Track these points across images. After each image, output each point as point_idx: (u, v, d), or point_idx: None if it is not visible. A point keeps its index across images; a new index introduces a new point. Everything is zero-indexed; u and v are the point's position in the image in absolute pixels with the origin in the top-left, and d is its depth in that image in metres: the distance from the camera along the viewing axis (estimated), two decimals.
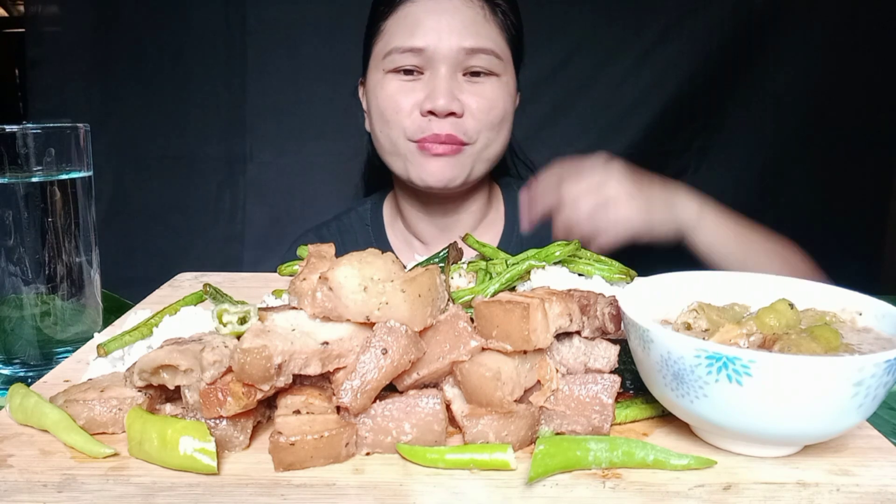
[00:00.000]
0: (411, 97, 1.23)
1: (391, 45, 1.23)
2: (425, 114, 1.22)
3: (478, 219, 1.40)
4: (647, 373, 0.62)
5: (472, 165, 1.27)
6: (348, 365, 0.61)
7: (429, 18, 1.22)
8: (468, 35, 1.21)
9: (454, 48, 1.20)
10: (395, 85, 1.24)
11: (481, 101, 1.23)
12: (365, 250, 0.66)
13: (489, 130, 1.25)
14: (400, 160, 1.28)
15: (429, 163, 1.24)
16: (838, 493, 0.55)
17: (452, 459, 0.58)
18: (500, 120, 1.26)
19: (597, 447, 0.58)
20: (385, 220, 1.46)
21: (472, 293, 0.80)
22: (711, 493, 0.55)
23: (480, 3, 1.24)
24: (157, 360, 0.62)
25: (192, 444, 0.56)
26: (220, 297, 0.86)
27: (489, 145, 1.27)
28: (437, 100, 1.19)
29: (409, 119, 1.23)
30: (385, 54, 1.25)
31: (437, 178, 1.24)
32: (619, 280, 0.87)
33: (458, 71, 1.23)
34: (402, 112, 1.23)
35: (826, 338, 0.59)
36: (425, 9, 1.23)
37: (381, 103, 1.25)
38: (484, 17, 1.24)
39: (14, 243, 0.84)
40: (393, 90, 1.24)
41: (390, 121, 1.25)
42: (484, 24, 1.23)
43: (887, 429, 0.76)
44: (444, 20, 1.21)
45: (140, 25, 2.11)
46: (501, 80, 1.26)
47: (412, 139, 1.24)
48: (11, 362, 0.87)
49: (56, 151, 0.87)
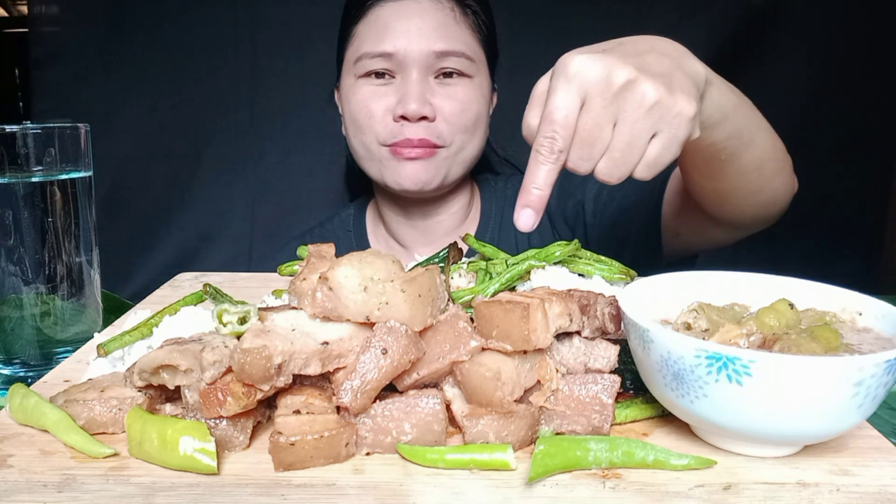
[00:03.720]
0: (383, 102, 1.22)
1: (361, 51, 1.23)
2: (397, 118, 1.21)
3: (459, 219, 1.40)
4: (647, 373, 0.62)
5: (447, 168, 1.26)
6: (348, 365, 0.61)
7: (398, 22, 1.20)
8: (438, 38, 1.20)
9: (424, 52, 1.19)
10: (366, 90, 1.23)
11: (454, 103, 1.22)
12: (365, 250, 0.66)
13: (463, 133, 1.24)
14: (375, 165, 1.27)
15: (403, 167, 1.23)
16: (838, 493, 0.55)
17: (452, 459, 0.58)
18: (474, 122, 1.25)
19: (597, 447, 0.58)
20: (368, 226, 1.46)
21: (472, 293, 0.80)
22: (711, 493, 0.55)
23: (451, 5, 1.23)
24: (157, 360, 0.62)
25: (192, 444, 0.56)
26: (220, 297, 0.86)
27: (464, 148, 1.26)
28: (409, 104, 1.18)
29: (381, 124, 1.22)
30: (356, 59, 1.24)
31: (412, 181, 1.24)
32: (619, 280, 0.87)
33: (430, 74, 1.22)
34: (375, 117, 1.22)
35: (826, 338, 0.59)
36: (394, 12, 1.21)
37: (354, 109, 1.25)
38: (454, 18, 1.23)
39: (14, 243, 0.84)
40: (365, 95, 1.23)
41: (363, 126, 1.24)
42: (454, 25, 1.22)
43: (887, 429, 0.76)
44: (414, 23, 1.20)
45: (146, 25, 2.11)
46: (474, 82, 1.25)
47: (385, 144, 1.23)
48: (11, 362, 0.87)
49: (56, 151, 0.87)
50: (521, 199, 0.71)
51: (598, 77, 0.69)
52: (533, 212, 0.71)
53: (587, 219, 1.29)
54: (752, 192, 1.00)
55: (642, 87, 0.69)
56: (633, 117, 0.69)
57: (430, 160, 1.23)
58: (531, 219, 0.71)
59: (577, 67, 0.69)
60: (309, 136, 2.17)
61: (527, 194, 0.71)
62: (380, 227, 1.44)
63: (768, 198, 1.03)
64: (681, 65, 0.75)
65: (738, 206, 1.03)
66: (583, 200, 1.29)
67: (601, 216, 1.27)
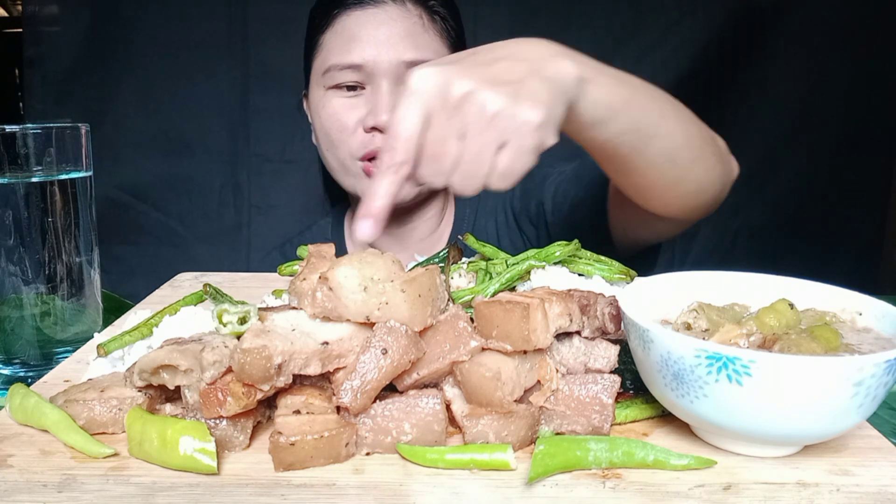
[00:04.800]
0: (354, 114, 1.20)
1: (329, 62, 1.20)
2: (369, 130, 1.19)
3: (433, 224, 1.38)
4: (647, 373, 0.62)
5: None
6: (348, 365, 0.61)
7: (365, 31, 1.18)
8: (407, 47, 1.17)
9: (394, 62, 1.17)
10: (336, 103, 1.21)
11: None
12: (365, 250, 0.66)
13: None
14: (349, 178, 1.25)
15: None
16: (838, 493, 0.55)
17: (452, 459, 0.58)
18: None
19: (597, 447, 0.58)
20: (346, 233, 1.45)
21: (472, 293, 0.80)
22: (711, 493, 0.55)
23: (418, 12, 1.21)
24: (157, 360, 0.62)
25: (192, 444, 0.56)
26: (220, 297, 0.86)
27: None
28: (380, 115, 1.16)
29: (353, 137, 1.20)
30: (324, 71, 1.21)
31: None
32: (619, 280, 0.87)
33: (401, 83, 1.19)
34: (347, 130, 1.20)
35: (826, 338, 0.59)
36: (361, 21, 1.19)
37: (325, 122, 1.23)
38: (422, 25, 1.20)
39: (14, 243, 0.84)
40: (335, 108, 1.21)
41: (335, 140, 1.22)
42: (422, 33, 1.20)
43: (887, 429, 0.76)
44: (382, 32, 1.17)
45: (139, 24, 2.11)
46: None
47: (358, 157, 1.21)
48: (11, 362, 0.87)
49: (56, 151, 0.87)
50: (361, 209, 0.69)
51: (436, 90, 0.67)
52: (372, 222, 0.69)
53: (548, 217, 1.27)
54: (671, 184, 0.93)
55: (481, 98, 0.67)
56: (476, 129, 0.67)
57: None
58: (370, 229, 0.69)
59: (417, 81, 0.68)
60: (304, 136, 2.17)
61: (366, 205, 0.69)
62: None
63: (693, 187, 0.95)
64: (540, 70, 0.71)
65: (661, 199, 0.98)
66: (542, 199, 1.27)
67: (559, 214, 1.25)
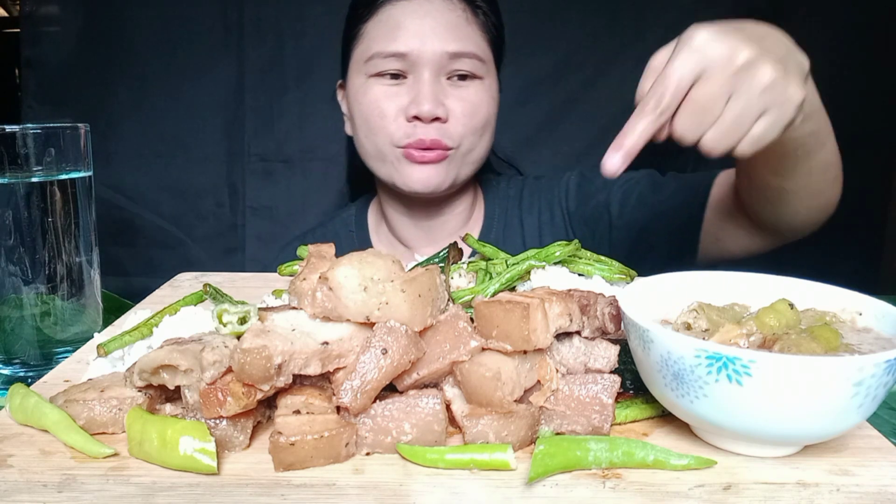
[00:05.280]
0: (395, 102, 1.21)
1: (373, 50, 1.22)
2: (410, 119, 1.20)
3: (463, 220, 1.40)
4: (647, 373, 0.62)
5: (457, 170, 1.26)
6: (348, 365, 0.61)
7: (411, 22, 1.20)
8: (451, 39, 1.20)
9: (438, 52, 1.19)
10: (378, 90, 1.23)
11: (465, 105, 1.22)
12: (365, 250, 0.66)
13: (473, 135, 1.24)
14: (385, 166, 1.27)
15: (414, 170, 1.23)
16: (838, 493, 0.55)
17: (452, 459, 0.58)
18: (484, 124, 1.25)
19: (597, 447, 0.58)
20: (370, 225, 1.46)
21: (472, 293, 0.80)
22: (711, 493, 0.55)
23: (462, 6, 1.23)
24: (157, 360, 0.62)
25: (192, 444, 0.56)
26: (220, 297, 0.86)
27: (473, 149, 1.26)
28: (423, 105, 1.18)
29: (394, 125, 1.22)
30: (367, 59, 1.23)
31: (423, 184, 1.24)
32: (619, 280, 0.87)
33: (442, 75, 1.22)
34: (387, 118, 1.22)
35: (826, 338, 0.59)
36: (407, 11, 1.21)
37: (365, 109, 1.24)
38: (466, 19, 1.22)
39: (14, 243, 0.84)
40: (377, 96, 1.23)
41: (375, 127, 1.23)
42: (466, 26, 1.22)
43: (887, 429, 0.76)
44: (427, 23, 1.19)
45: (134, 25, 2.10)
46: (484, 84, 1.25)
47: (398, 145, 1.23)
48: (11, 362, 0.87)
49: (56, 151, 0.87)
50: (615, 143, 0.73)
51: (721, 53, 0.72)
52: (622, 156, 0.73)
53: (613, 220, 1.29)
54: (813, 194, 1.02)
55: (762, 68, 0.72)
56: (747, 95, 0.72)
57: (440, 164, 1.23)
58: (619, 161, 0.73)
59: (702, 40, 0.73)
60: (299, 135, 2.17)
61: (621, 138, 0.73)
62: (382, 226, 1.44)
63: (823, 202, 1.05)
64: (793, 53, 0.79)
65: (795, 208, 1.04)
66: (608, 202, 1.30)
67: (629, 218, 1.28)
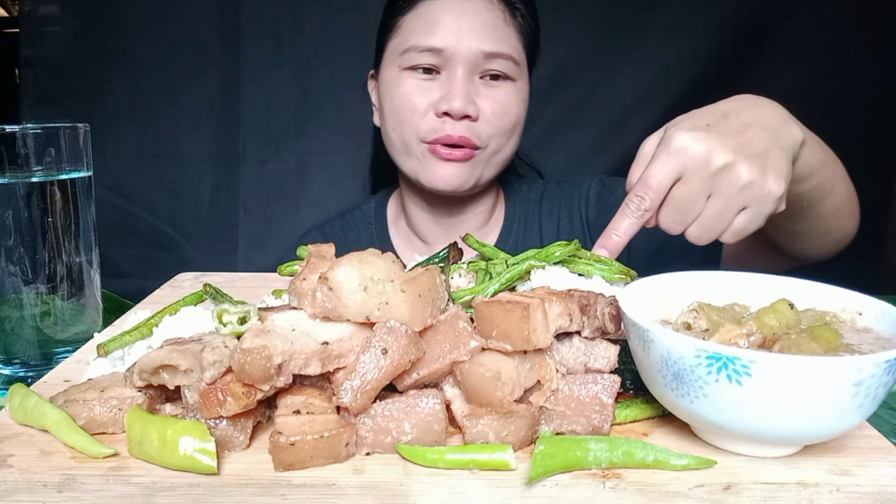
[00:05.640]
0: (427, 97, 1.21)
1: (409, 43, 1.22)
2: (440, 115, 1.20)
3: (483, 219, 1.40)
4: (647, 373, 0.62)
5: (482, 170, 1.26)
6: (348, 365, 0.61)
7: (449, 18, 1.20)
8: (488, 38, 1.20)
9: (473, 51, 1.19)
10: (411, 83, 1.23)
11: (496, 105, 1.22)
12: (365, 250, 0.66)
13: (501, 136, 1.24)
14: (411, 160, 1.27)
15: (439, 167, 1.23)
16: (838, 493, 0.55)
17: (452, 459, 0.58)
18: (513, 125, 1.26)
19: (597, 447, 0.58)
20: (389, 218, 1.46)
21: (472, 293, 0.80)
22: (711, 493, 0.55)
23: (501, 6, 1.23)
24: (157, 360, 0.62)
25: (192, 444, 0.56)
26: (220, 297, 0.86)
27: (500, 150, 1.26)
28: (454, 101, 1.18)
29: (423, 119, 1.22)
30: (402, 51, 1.23)
31: (446, 182, 1.24)
32: (619, 280, 0.87)
33: (475, 73, 1.22)
34: (418, 112, 1.22)
35: (826, 338, 0.59)
36: (445, 7, 1.21)
37: (396, 101, 1.24)
38: (504, 20, 1.23)
39: (14, 243, 0.84)
40: (409, 89, 1.23)
41: (404, 120, 1.23)
42: (503, 27, 1.22)
43: (887, 429, 0.76)
44: (465, 21, 1.20)
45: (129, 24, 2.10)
46: (517, 86, 1.25)
47: (425, 140, 1.23)
48: (11, 362, 0.87)
49: (56, 151, 0.87)
50: (601, 241, 0.84)
51: (698, 156, 0.78)
52: (606, 252, 0.84)
53: None
54: (826, 233, 1.07)
55: (738, 170, 0.78)
56: (726, 194, 0.79)
57: (466, 163, 1.23)
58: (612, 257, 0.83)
59: (681, 142, 0.79)
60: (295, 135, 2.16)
61: (606, 238, 0.84)
62: (401, 220, 1.44)
63: (839, 236, 1.10)
64: (779, 137, 0.83)
65: (809, 244, 1.10)
66: None
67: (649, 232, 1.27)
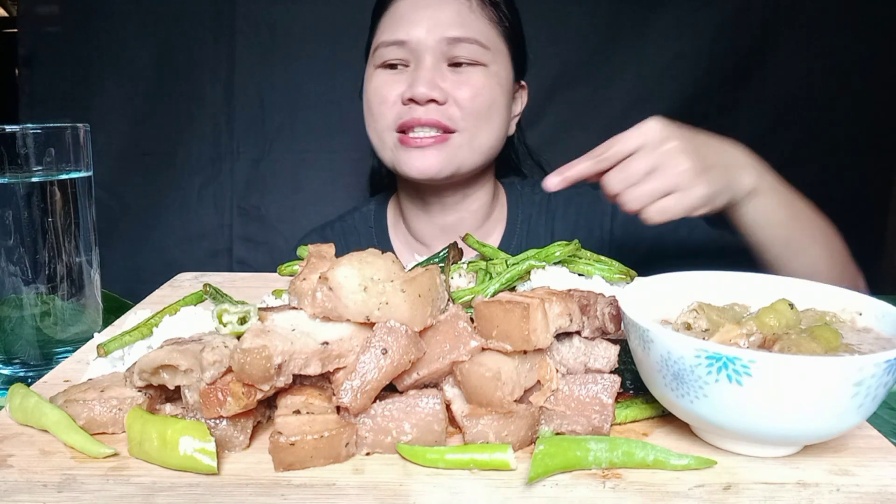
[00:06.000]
0: (395, 89, 1.23)
1: (378, 41, 1.26)
2: (406, 101, 1.22)
3: (480, 219, 1.39)
4: (647, 373, 0.62)
5: (461, 156, 1.25)
6: (348, 365, 0.61)
7: (414, 13, 1.23)
8: (451, 25, 1.22)
9: (437, 38, 1.21)
10: (381, 78, 1.26)
11: (465, 88, 1.22)
12: (365, 250, 0.66)
13: (475, 118, 1.24)
14: (386, 152, 1.28)
15: (411, 156, 1.23)
16: (838, 493, 0.55)
17: (452, 459, 0.58)
18: (488, 108, 1.25)
19: (597, 447, 0.58)
20: (389, 221, 1.46)
21: (472, 293, 0.80)
22: (711, 493, 0.55)
23: None
24: (157, 360, 0.62)
25: (192, 444, 0.56)
26: (220, 297, 0.86)
27: (477, 134, 1.25)
28: (418, 87, 1.19)
29: (391, 110, 1.24)
30: (374, 49, 1.27)
31: (421, 170, 1.23)
32: (619, 280, 0.87)
33: (443, 61, 1.23)
34: (386, 103, 1.24)
35: (826, 338, 0.59)
36: (411, 4, 1.24)
37: (370, 96, 1.27)
38: (469, 8, 1.24)
39: (14, 243, 0.84)
40: (378, 83, 1.25)
41: (375, 113, 1.26)
42: (469, 14, 1.24)
43: (887, 429, 0.76)
44: (428, 13, 1.22)
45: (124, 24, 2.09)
46: (489, 70, 1.25)
47: (395, 129, 1.24)
48: (11, 362, 0.87)
49: (56, 151, 0.87)
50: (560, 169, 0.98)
51: (657, 136, 0.96)
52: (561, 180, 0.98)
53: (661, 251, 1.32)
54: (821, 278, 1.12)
55: (681, 158, 0.95)
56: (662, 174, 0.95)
57: (441, 147, 1.23)
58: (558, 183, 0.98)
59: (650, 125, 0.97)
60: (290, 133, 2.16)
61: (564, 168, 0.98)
62: (400, 223, 1.44)
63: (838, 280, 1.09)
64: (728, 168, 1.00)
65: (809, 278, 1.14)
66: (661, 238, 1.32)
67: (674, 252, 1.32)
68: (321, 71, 2.10)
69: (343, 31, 2.05)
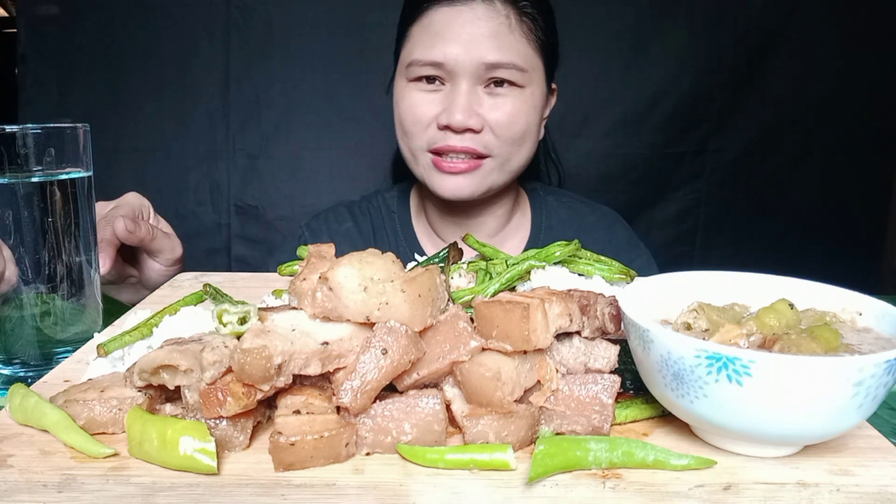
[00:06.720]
0: (430, 109, 1.22)
1: (413, 56, 1.23)
2: (442, 127, 1.21)
3: (502, 223, 1.40)
4: (647, 373, 0.62)
5: (491, 178, 1.26)
6: (348, 365, 0.61)
7: (450, 30, 1.20)
8: (490, 48, 1.18)
9: (475, 62, 1.18)
10: (415, 96, 1.24)
11: (501, 115, 1.21)
12: (365, 250, 0.66)
13: (510, 145, 1.24)
14: (418, 168, 1.28)
15: (444, 179, 1.24)
16: (838, 493, 0.55)
17: (452, 459, 0.58)
18: (522, 133, 1.24)
19: (597, 447, 0.58)
20: (412, 211, 1.46)
21: (472, 293, 0.80)
22: (711, 493, 0.55)
23: (506, 11, 1.21)
24: (157, 360, 0.62)
25: (192, 444, 0.56)
26: (220, 297, 0.86)
27: (510, 159, 1.26)
28: (455, 115, 1.18)
29: (426, 131, 1.23)
30: (407, 64, 1.24)
31: (452, 193, 1.24)
32: (619, 280, 0.87)
33: (479, 84, 1.21)
34: (420, 124, 1.23)
35: (826, 338, 0.59)
36: (448, 18, 1.20)
37: (402, 113, 1.26)
38: (508, 26, 1.20)
39: (14, 243, 0.84)
40: (413, 101, 1.24)
41: (409, 132, 1.25)
42: (508, 34, 1.20)
43: (887, 429, 0.76)
44: (466, 31, 1.19)
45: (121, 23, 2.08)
46: (525, 92, 1.23)
47: (429, 149, 1.24)
48: (11, 362, 0.87)
49: (56, 151, 0.87)
50: None
51: None
52: None
53: None
54: None
55: None
56: None
57: (474, 172, 1.23)
58: None
59: None
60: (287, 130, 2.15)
61: None
62: (422, 214, 1.45)
63: None
64: None
65: None
66: None
67: None
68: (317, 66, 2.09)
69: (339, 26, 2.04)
